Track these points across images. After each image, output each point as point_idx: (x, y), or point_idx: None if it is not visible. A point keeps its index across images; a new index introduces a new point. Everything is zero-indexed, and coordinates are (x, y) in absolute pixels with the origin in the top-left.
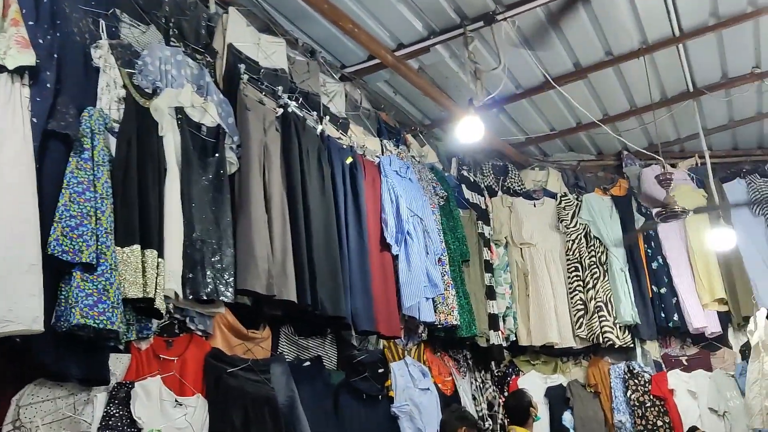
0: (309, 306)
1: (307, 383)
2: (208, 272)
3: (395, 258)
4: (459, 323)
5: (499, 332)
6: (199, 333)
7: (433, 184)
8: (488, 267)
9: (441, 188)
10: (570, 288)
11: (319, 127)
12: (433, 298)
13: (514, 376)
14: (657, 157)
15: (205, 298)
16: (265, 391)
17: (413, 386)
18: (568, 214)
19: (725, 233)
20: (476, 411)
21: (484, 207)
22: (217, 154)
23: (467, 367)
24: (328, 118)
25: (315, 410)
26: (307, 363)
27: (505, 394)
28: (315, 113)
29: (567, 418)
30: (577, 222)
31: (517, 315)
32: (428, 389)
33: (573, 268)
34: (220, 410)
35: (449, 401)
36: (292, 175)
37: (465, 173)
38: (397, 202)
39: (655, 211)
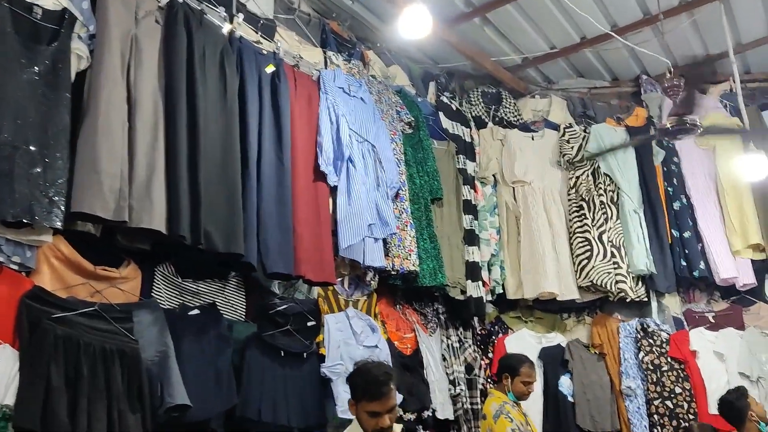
0: (183, 238)
1: (194, 336)
2: (22, 187)
3: (333, 190)
4: (419, 270)
5: (479, 283)
6: (15, 267)
7: (397, 108)
8: (469, 208)
9: (407, 113)
10: (572, 230)
11: (226, 27)
12: (384, 240)
13: (501, 335)
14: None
15: (11, 219)
16: (119, 344)
17: (355, 343)
18: (572, 147)
19: (759, 160)
20: (446, 374)
21: (468, 140)
22: (55, 44)
23: (438, 324)
24: (242, 17)
25: (204, 369)
26: (196, 311)
27: (490, 355)
28: (223, 9)
29: (565, 383)
30: (583, 157)
31: (506, 264)
32: (376, 347)
33: (576, 208)
34: (31, 365)
35: (408, 362)
36: (174, 78)
37: (445, 100)
38: (337, 124)
39: (660, 125)
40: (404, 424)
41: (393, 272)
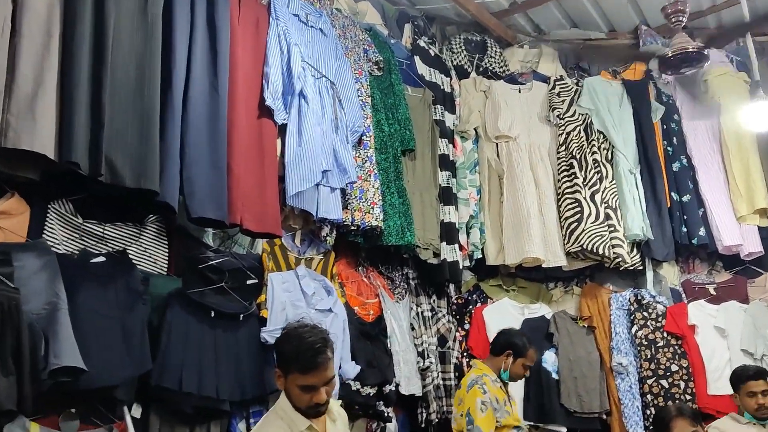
0: (77, 166)
1: (97, 288)
2: None
3: (283, 130)
4: (383, 227)
5: (455, 246)
6: None
7: (365, 46)
8: (446, 164)
9: (376, 53)
10: (561, 190)
11: None
12: (343, 190)
13: (479, 305)
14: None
15: None
16: None
17: (306, 305)
18: (563, 101)
19: (766, 107)
20: (414, 345)
21: (448, 90)
22: None
23: (407, 289)
24: None
25: (108, 328)
26: (100, 259)
27: (466, 326)
28: None
29: (549, 358)
30: (575, 111)
31: (486, 226)
32: (330, 311)
33: (566, 167)
34: None
35: (368, 330)
36: None
37: (423, 44)
38: (288, 53)
39: (659, 57)
40: (363, 400)
41: (353, 228)
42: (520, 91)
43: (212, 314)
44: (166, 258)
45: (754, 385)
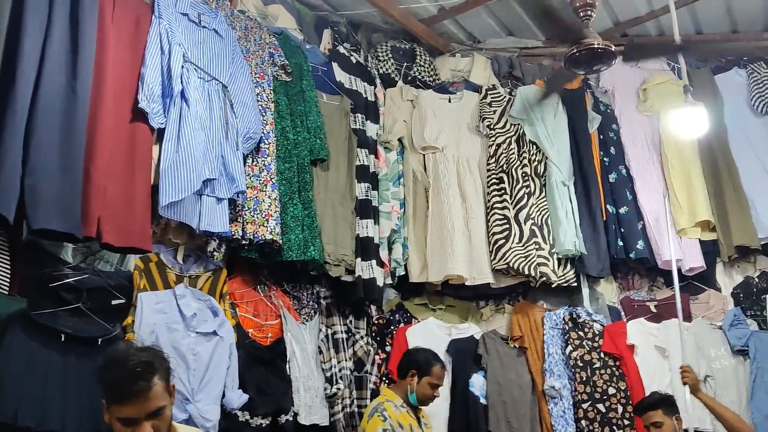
0: None
1: None
2: None
3: (161, 135)
4: (282, 241)
5: (372, 262)
6: None
7: (271, 50)
8: (365, 175)
9: (282, 56)
10: (490, 205)
11: None
12: (232, 200)
13: (402, 325)
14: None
15: None
16: None
17: (184, 328)
18: (494, 111)
19: (698, 113)
20: (322, 369)
21: (371, 98)
22: None
23: (317, 310)
24: None
25: None
26: None
27: (387, 348)
28: None
29: (477, 382)
30: (506, 122)
31: (410, 242)
32: (215, 333)
33: (496, 180)
34: None
35: (263, 354)
36: None
37: (343, 51)
38: (169, 54)
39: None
40: None
41: (244, 242)
42: (450, 101)
43: (62, 338)
44: (8, 275)
45: (650, 416)
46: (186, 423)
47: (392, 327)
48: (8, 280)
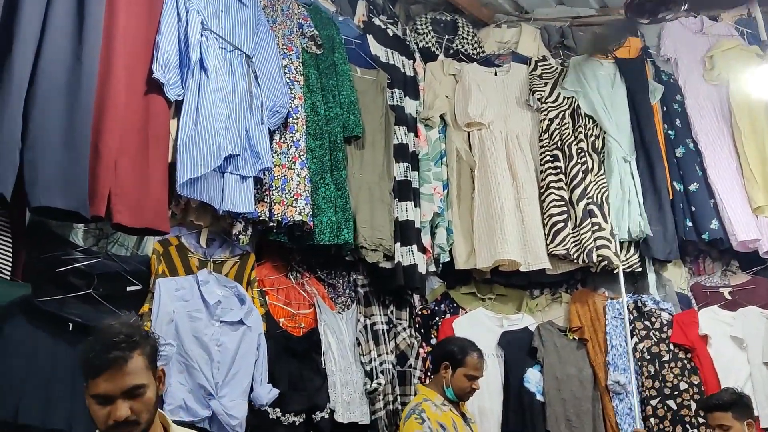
0: None
1: None
2: None
3: (174, 106)
4: (312, 223)
5: (413, 247)
6: None
7: (299, 20)
8: (404, 154)
9: (311, 27)
10: (545, 184)
11: None
12: (258, 179)
13: (448, 316)
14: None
15: None
16: None
17: (207, 317)
18: (545, 84)
19: None
20: (362, 363)
21: (410, 73)
22: None
23: (355, 299)
24: None
25: None
26: None
27: (433, 341)
28: None
29: (532, 377)
30: (559, 95)
31: (455, 225)
32: (241, 323)
33: (550, 158)
34: None
35: (296, 345)
36: None
37: (378, 23)
38: (186, 20)
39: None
40: (284, 431)
41: (272, 224)
42: (496, 74)
43: (70, 327)
44: (9, 259)
45: (717, 417)
46: (209, 420)
47: (437, 318)
48: (10, 264)
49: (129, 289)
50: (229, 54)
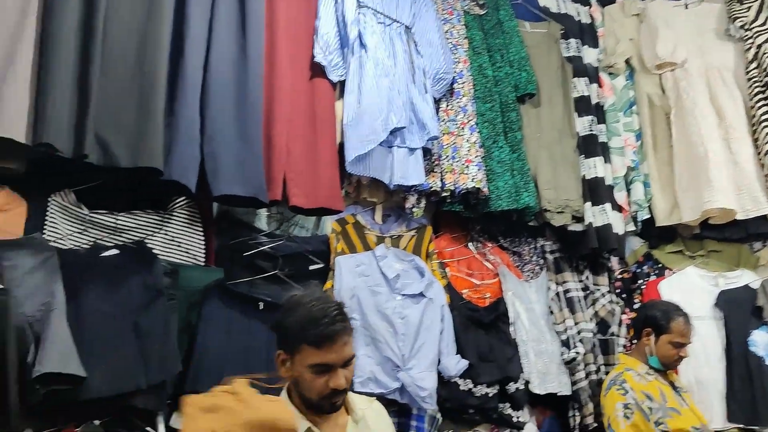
0: (52, 148)
1: (107, 285)
2: None
3: (338, 87)
4: (488, 190)
5: (607, 206)
6: None
7: None
8: (587, 107)
9: None
10: (757, 119)
11: None
12: (426, 150)
13: (653, 278)
14: None
15: None
16: None
17: (388, 290)
18: (749, 7)
19: None
20: (557, 332)
21: (587, 20)
22: None
23: (543, 265)
24: None
25: (117, 329)
26: (112, 252)
27: (636, 306)
28: None
29: (760, 340)
30: (767, 18)
31: (652, 178)
32: (422, 295)
33: (761, 88)
34: None
35: (481, 316)
36: None
37: None
38: (342, 1)
39: None
40: (478, 402)
41: (445, 194)
42: (686, 7)
43: (261, 306)
44: (203, 246)
45: None
46: (399, 392)
47: (641, 281)
48: (204, 252)
49: (311, 267)
50: (388, 27)
